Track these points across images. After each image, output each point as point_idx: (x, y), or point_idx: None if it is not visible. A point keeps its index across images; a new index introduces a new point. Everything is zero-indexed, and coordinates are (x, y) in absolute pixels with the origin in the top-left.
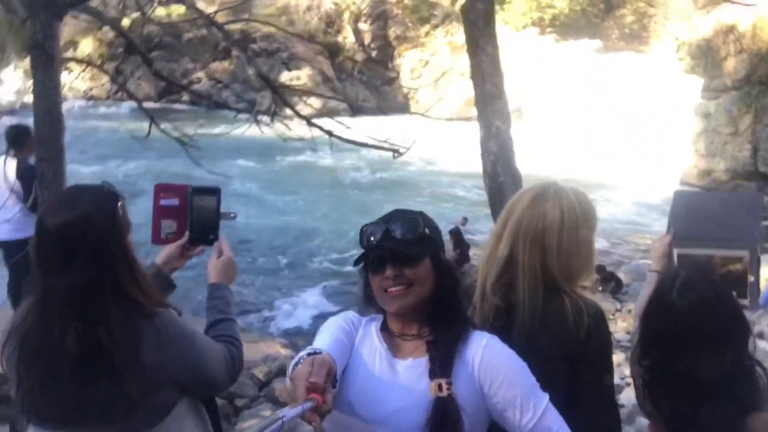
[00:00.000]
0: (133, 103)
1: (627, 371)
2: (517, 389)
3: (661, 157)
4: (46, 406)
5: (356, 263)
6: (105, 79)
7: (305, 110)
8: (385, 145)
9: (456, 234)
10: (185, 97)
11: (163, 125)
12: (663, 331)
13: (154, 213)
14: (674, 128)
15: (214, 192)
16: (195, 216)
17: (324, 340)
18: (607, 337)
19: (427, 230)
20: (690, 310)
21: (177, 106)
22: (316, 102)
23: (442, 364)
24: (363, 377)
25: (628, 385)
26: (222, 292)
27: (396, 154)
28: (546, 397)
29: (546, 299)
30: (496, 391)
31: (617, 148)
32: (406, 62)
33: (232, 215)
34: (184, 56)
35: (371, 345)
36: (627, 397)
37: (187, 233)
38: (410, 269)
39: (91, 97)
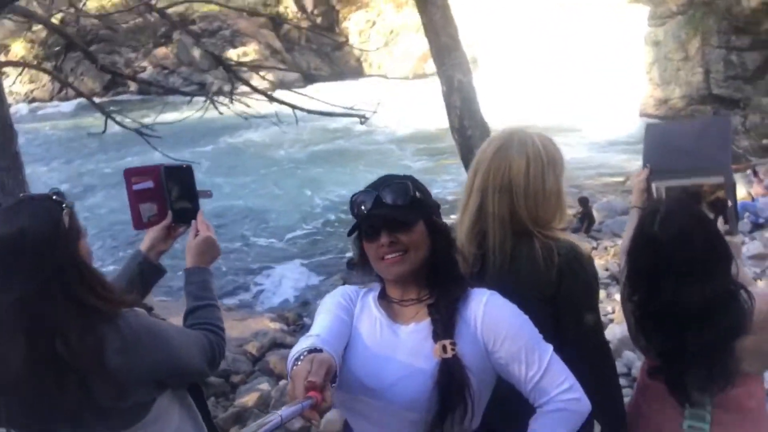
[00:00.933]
0: (78, 101)
1: (609, 307)
2: (521, 342)
3: (618, 91)
4: (19, 414)
5: (350, 233)
6: (45, 79)
7: (260, 86)
8: (351, 113)
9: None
10: (132, 87)
11: (116, 118)
12: (648, 265)
13: (129, 199)
14: (627, 60)
15: (187, 170)
16: (173, 195)
17: (324, 321)
18: (583, 275)
19: (418, 194)
20: (671, 242)
21: (125, 97)
22: (268, 76)
23: (445, 325)
24: (366, 348)
25: (612, 321)
26: (198, 276)
27: (363, 120)
28: (550, 348)
29: (516, 244)
30: (499, 347)
31: (574, 89)
32: (353, 25)
33: (208, 192)
34: (124, 46)
35: (370, 315)
36: (611, 332)
37: (170, 213)
38: (405, 235)
39: (33, 99)
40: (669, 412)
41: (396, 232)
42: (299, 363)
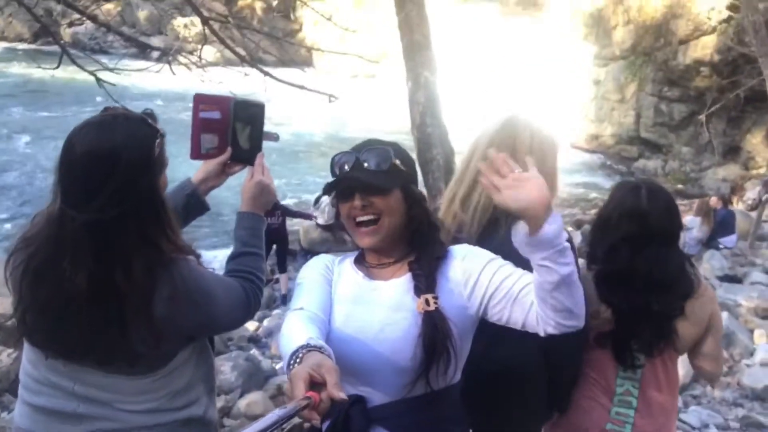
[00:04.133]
0: (5, 44)
1: None
2: (495, 265)
3: (553, 121)
4: (46, 335)
5: (325, 191)
6: None
7: (210, 57)
8: (320, 91)
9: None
10: (64, 39)
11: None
12: (632, 234)
13: (193, 126)
14: (568, 93)
15: (259, 106)
16: (238, 131)
17: (307, 292)
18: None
19: (398, 161)
20: (658, 215)
21: (54, 48)
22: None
23: (427, 279)
24: (348, 306)
25: None
26: (249, 221)
27: (332, 98)
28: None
29: (498, 216)
30: (476, 281)
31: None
32: (309, 14)
33: (274, 135)
34: None
35: (349, 278)
36: None
37: (229, 149)
38: (380, 199)
39: None
40: (600, 401)
41: (370, 196)
42: (297, 361)
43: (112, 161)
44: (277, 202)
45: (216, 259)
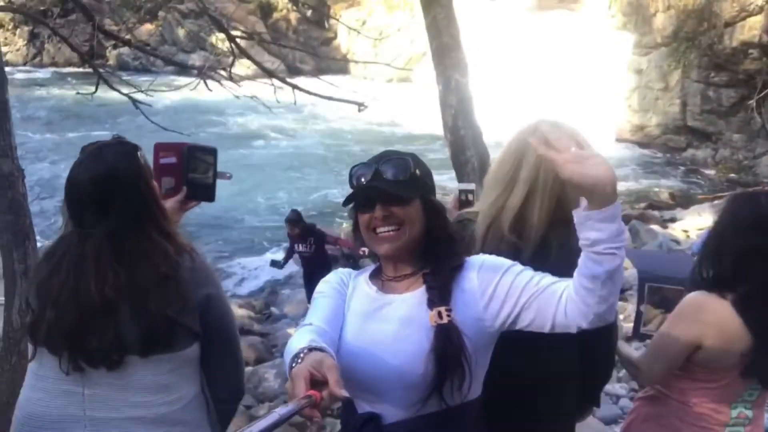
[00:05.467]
0: (53, 69)
1: None
2: (514, 271)
3: (596, 114)
4: (70, 340)
5: (346, 203)
6: (20, 43)
7: (243, 71)
8: (349, 100)
9: None
10: (111, 61)
11: (93, 89)
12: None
13: (154, 171)
14: (608, 84)
15: (211, 151)
16: (192, 173)
17: (318, 308)
18: None
19: (417, 171)
20: None
21: (102, 71)
22: (246, 65)
23: (440, 292)
24: (360, 319)
25: None
26: None
27: (361, 107)
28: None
29: (551, 233)
30: (493, 291)
31: (552, 108)
32: (343, 21)
33: (228, 175)
34: (105, 18)
35: (362, 291)
36: None
37: (184, 188)
38: (400, 208)
39: (7, 63)
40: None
41: (391, 205)
42: (298, 362)
43: (113, 177)
44: (309, 226)
45: (239, 264)
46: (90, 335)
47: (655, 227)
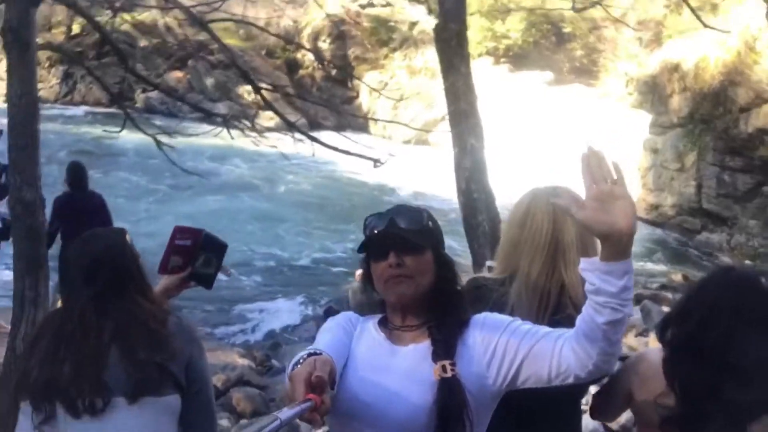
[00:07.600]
0: (85, 108)
1: None
2: (512, 327)
3: None
4: (59, 390)
5: (360, 250)
6: (54, 81)
7: (266, 122)
8: (365, 156)
9: None
10: (138, 103)
11: (119, 129)
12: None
13: (168, 248)
14: (624, 161)
15: (221, 245)
16: (200, 259)
17: (324, 339)
18: None
19: (430, 223)
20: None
21: (129, 112)
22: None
23: (445, 345)
24: (363, 366)
25: None
26: None
27: (377, 164)
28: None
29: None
30: (494, 347)
31: (567, 180)
32: (366, 82)
33: (229, 270)
34: (137, 63)
35: (369, 337)
36: None
37: (189, 268)
38: (413, 258)
39: (39, 99)
40: None
41: (404, 254)
42: (299, 366)
43: (105, 253)
44: None
45: (243, 312)
46: (77, 380)
47: (668, 309)
